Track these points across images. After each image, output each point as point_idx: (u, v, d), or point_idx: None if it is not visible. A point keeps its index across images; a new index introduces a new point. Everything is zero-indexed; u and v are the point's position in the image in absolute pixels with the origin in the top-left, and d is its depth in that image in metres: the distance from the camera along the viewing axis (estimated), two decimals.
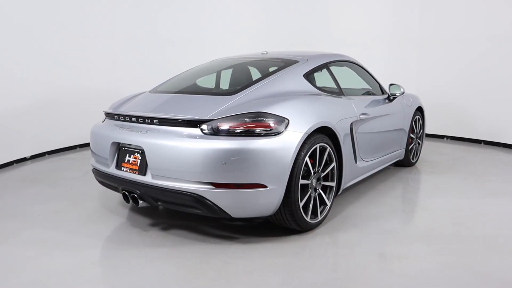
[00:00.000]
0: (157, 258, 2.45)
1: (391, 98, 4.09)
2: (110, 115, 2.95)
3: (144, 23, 6.37)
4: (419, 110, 4.76)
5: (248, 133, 2.46)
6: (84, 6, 5.64)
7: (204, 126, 2.46)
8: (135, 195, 2.66)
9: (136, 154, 2.67)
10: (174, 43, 6.55)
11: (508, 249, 2.58)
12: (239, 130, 2.45)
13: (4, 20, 4.62)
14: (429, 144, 6.15)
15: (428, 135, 6.71)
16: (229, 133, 2.45)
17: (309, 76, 3.18)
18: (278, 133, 2.50)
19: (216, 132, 2.45)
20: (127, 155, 2.72)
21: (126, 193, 2.71)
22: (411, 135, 4.57)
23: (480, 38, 6.02)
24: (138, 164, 2.64)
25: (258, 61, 3.53)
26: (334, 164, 2.95)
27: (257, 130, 2.46)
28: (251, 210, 2.52)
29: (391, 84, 4.07)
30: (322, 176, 2.87)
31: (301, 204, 2.65)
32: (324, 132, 2.94)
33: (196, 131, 2.47)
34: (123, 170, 2.73)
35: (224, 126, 2.45)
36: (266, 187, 2.44)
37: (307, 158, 2.64)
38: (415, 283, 2.17)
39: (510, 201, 3.52)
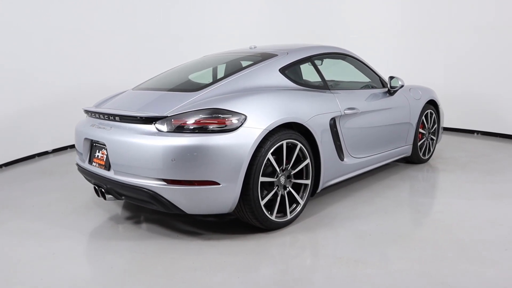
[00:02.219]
0: (114, 251, 2.52)
1: (392, 91, 3.85)
2: (87, 113, 3.07)
3: (156, 20, 6.50)
4: (432, 103, 4.43)
5: (202, 129, 2.44)
6: (94, 5, 5.87)
7: (158, 124, 2.48)
8: (103, 189, 2.76)
9: (103, 150, 2.75)
10: (185, 39, 6.65)
11: (484, 258, 2.33)
12: (192, 127, 2.44)
13: (23, 27, 4.95)
14: (454, 139, 5.72)
15: (456, 130, 6.24)
16: (184, 130, 2.44)
17: (286, 71, 3.08)
18: (233, 130, 2.45)
19: (170, 129, 2.45)
20: (97, 150, 2.82)
21: (96, 187, 2.82)
22: (422, 130, 4.28)
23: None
24: (105, 159, 2.73)
25: (243, 56, 3.46)
26: (308, 161, 2.85)
27: (211, 127, 2.44)
28: (206, 207, 2.51)
29: (391, 77, 3.82)
30: (292, 173, 2.78)
31: (262, 202, 2.58)
32: (298, 128, 2.85)
33: (151, 128, 2.49)
34: (93, 165, 2.84)
35: (178, 123, 2.45)
36: (218, 184, 2.41)
37: (270, 155, 2.58)
38: None
39: (511, 204, 3.19)
